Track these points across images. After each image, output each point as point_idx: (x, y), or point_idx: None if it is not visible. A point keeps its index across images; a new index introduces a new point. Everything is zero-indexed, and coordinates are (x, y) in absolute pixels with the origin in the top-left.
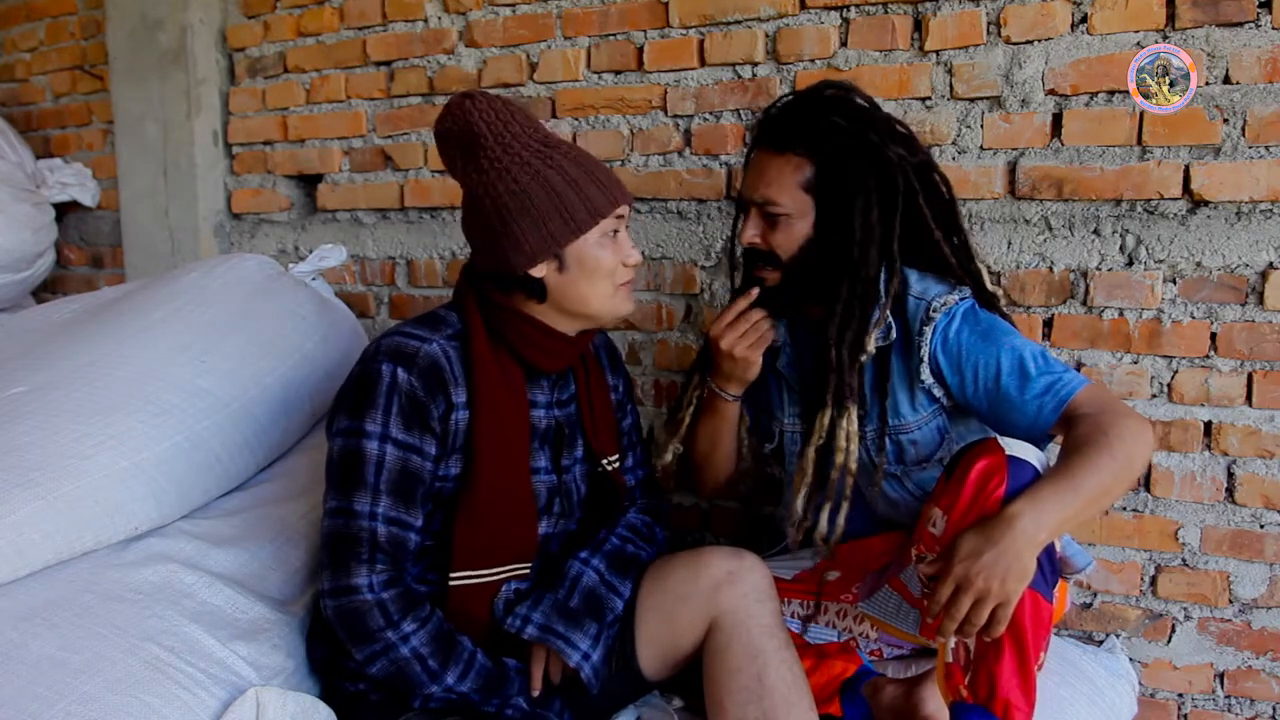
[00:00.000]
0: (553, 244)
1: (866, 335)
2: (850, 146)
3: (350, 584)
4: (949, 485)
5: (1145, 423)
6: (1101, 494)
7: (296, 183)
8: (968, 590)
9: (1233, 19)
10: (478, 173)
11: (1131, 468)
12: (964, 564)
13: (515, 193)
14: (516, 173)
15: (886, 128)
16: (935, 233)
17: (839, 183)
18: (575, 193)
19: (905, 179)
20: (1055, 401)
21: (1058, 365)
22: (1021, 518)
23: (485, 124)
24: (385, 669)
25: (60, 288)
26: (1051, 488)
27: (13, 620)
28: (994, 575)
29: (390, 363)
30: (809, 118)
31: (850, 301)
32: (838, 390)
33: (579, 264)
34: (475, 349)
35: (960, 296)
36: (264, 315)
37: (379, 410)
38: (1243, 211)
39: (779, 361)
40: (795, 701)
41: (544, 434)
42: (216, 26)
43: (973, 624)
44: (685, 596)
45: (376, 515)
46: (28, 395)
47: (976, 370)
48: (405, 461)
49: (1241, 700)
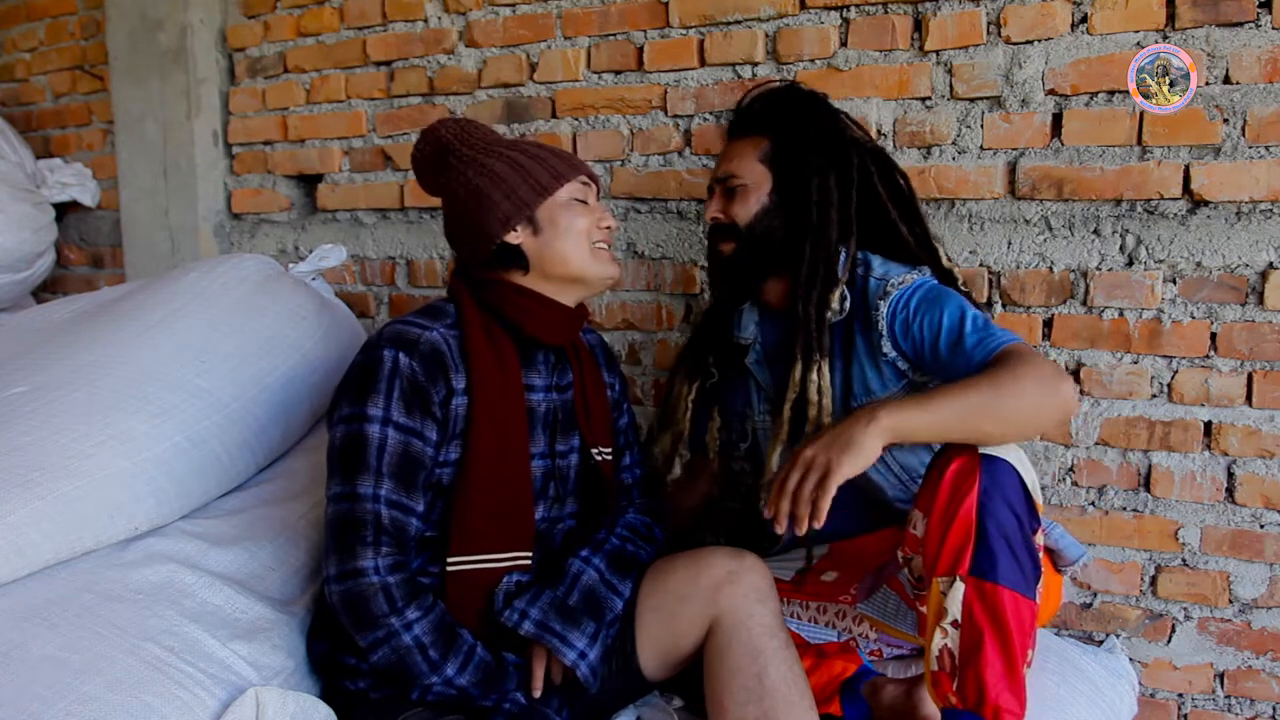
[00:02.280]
0: (524, 207)
1: (831, 292)
2: (803, 119)
3: (356, 567)
4: (926, 486)
5: (1056, 374)
6: (969, 413)
7: (296, 183)
8: (797, 462)
9: (1233, 19)
10: (449, 172)
11: (1015, 402)
12: (801, 445)
13: (484, 173)
14: (483, 160)
15: (841, 116)
16: (892, 213)
17: (794, 151)
18: (539, 164)
19: (860, 156)
20: (983, 353)
21: (996, 328)
22: (865, 407)
23: (451, 135)
24: (386, 657)
25: (60, 288)
26: (915, 395)
27: (13, 620)
28: (820, 447)
29: (392, 348)
30: (766, 103)
31: (815, 261)
32: (806, 345)
33: (551, 224)
34: (469, 334)
35: (919, 274)
36: (264, 315)
37: (381, 395)
38: (1243, 211)
39: (748, 358)
40: (795, 701)
41: (543, 417)
42: (216, 26)
43: (799, 498)
44: (686, 597)
45: (380, 498)
46: (28, 395)
47: (922, 329)
48: (407, 445)
49: (1241, 700)
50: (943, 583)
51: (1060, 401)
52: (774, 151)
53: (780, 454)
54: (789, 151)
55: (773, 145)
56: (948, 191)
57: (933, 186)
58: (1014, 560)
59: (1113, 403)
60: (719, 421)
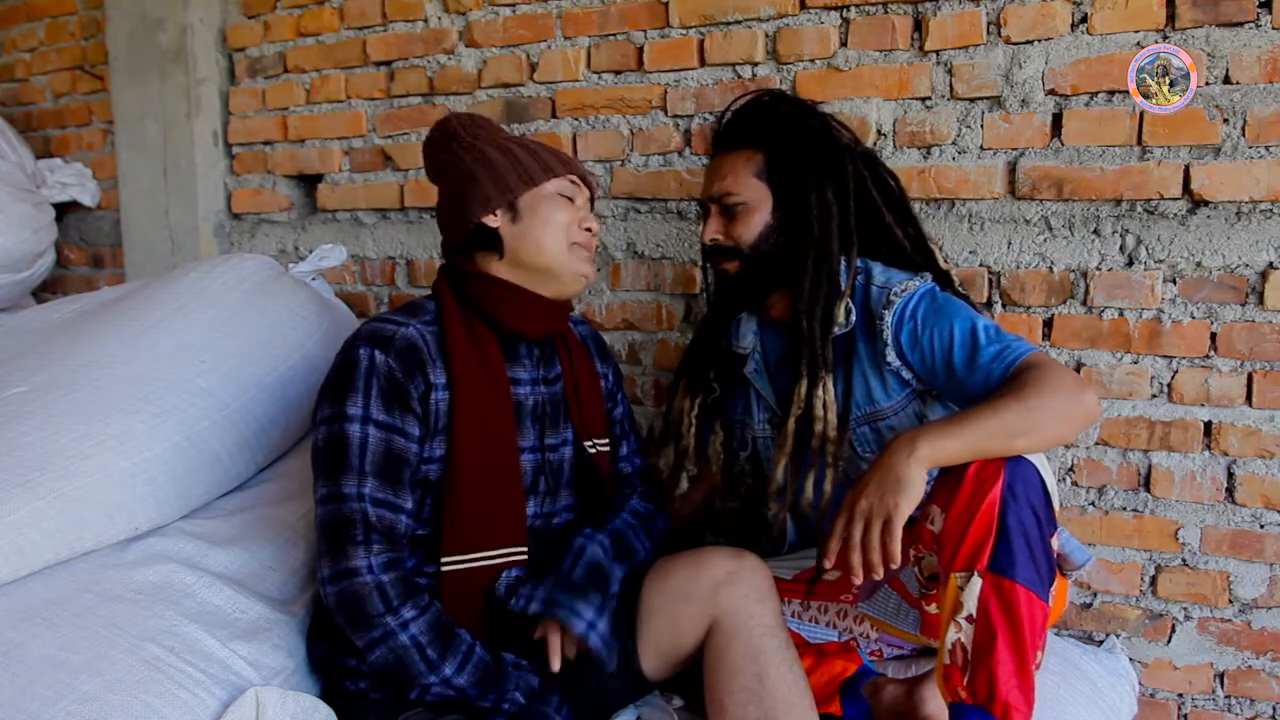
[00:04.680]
0: (507, 191)
1: (835, 306)
2: (796, 131)
3: (349, 567)
4: (947, 483)
5: (1079, 385)
6: (1001, 431)
7: (296, 183)
8: (854, 514)
9: (1233, 19)
10: (448, 155)
11: (1043, 416)
12: (851, 494)
13: (478, 159)
14: (481, 147)
15: (829, 120)
16: (887, 216)
17: (791, 165)
18: (532, 157)
19: (853, 162)
20: (1002, 366)
21: (1008, 336)
22: (901, 439)
23: (459, 125)
24: (384, 657)
25: (60, 288)
26: (946, 418)
27: (13, 620)
28: (873, 493)
29: (368, 346)
30: (754, 115)
31: (818, 276)
32: (811, 361)
33: (531, 212)
34: (449, 330)
35: (921, 281)
36: (264, 315)
37: (359, 394)
38: (1243, 211)
39: (747, 368)
40: (795, 701)
41: (531, 411)
42: (216, 26)
43: (869, 546)
44: (686, 597)
45: (365, 497)
46: (28, 395)
47: (933, 342)
48: (389, 443)
49: (1241, 700)
50: (960, 577)
51: (1084, 411)
52: (770, 166)
53: (784, 467)
54: (786, 165)
55: (768, 159)
56: (948, 191)
57: (933, 186)
58: (1031, 560)
59: (1113, 403)
60: (722, 435)
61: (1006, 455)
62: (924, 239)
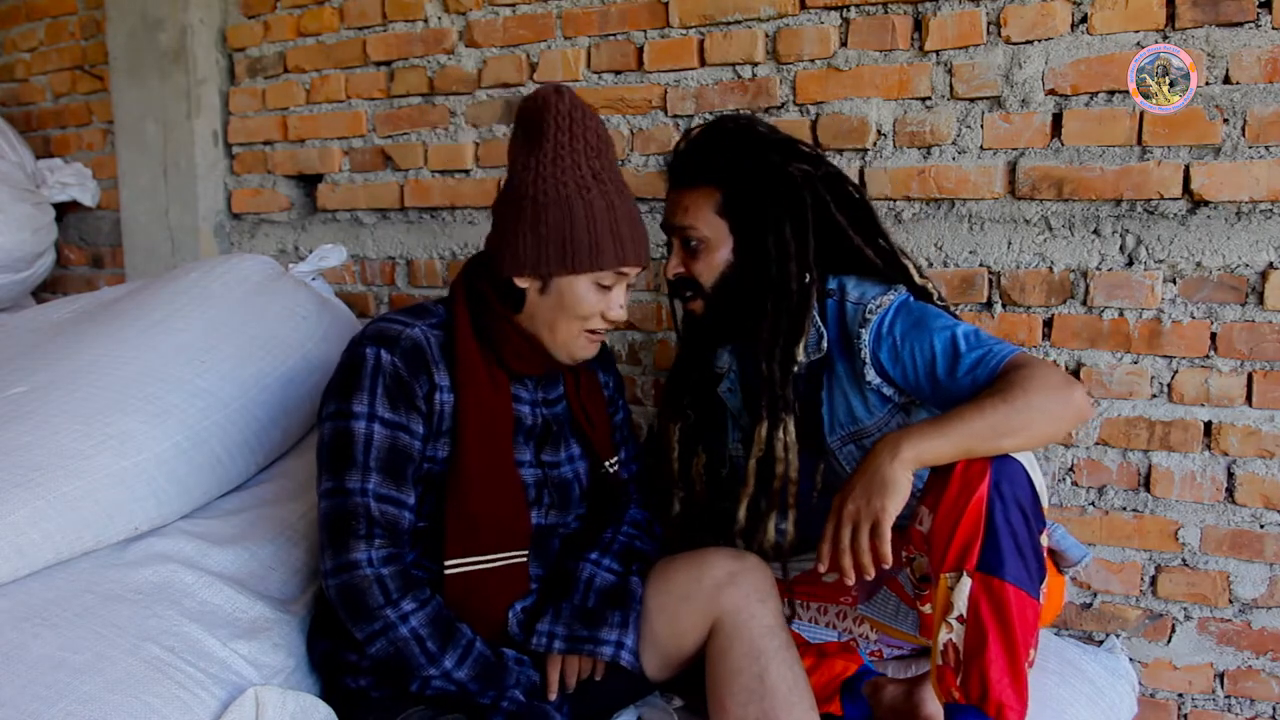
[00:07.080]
0: (543, 266)
1: (796, 347)
2: (752, 170)
3: (350, 559)
4: (935, 482)
5: (1066, 383)
6: (987, 431)
7: (296, 183)
8: (843, 518)
9: (1233, 19)
10: (523, 165)
11: (1030, 415)
12: (838, 498)
13: (539, 203)
14: (550, 187)
15: (788, 149)
16: (855, 239)
17: (748, 205)
18: (589, 235)
19: (813, 192)
20: (987, 371)
21: (989, 339)
22: (885, 441)
23: (555, 125)
24: (384, 649)
25: (60, 288)
26: (931, 419)
27: (13, 620)
28: (859, 496)
29: (374, 346)
30: (710, 151)
31: (777, 317)
32: (771, 403)
33: (559, 295)
34: (460, 336)
35: (894, 295)
36: (264, 315)
37: (365, 391)
38: (1243, 211)
39: (721, 387)
40: (796, 701)
41: (529, 430)
42: (216, 26)
43: (859, 549)
44: (687, 597)
45: (368, 492)
46: (28, 395)
47: (914, 356)
48: (394, 439)
49: (1241, 700)
50: (950, 577)
51: (1073, 409)
52: (727, 205)
53: (746, 507)
54: (743, 204)
55: (725, 198)
56: (948, 191)
57: (933, 186)
58: (1020, 558)
59: (1113, 403)
60: (704, 458)
61: (994, 455)
62: (896, 254)
